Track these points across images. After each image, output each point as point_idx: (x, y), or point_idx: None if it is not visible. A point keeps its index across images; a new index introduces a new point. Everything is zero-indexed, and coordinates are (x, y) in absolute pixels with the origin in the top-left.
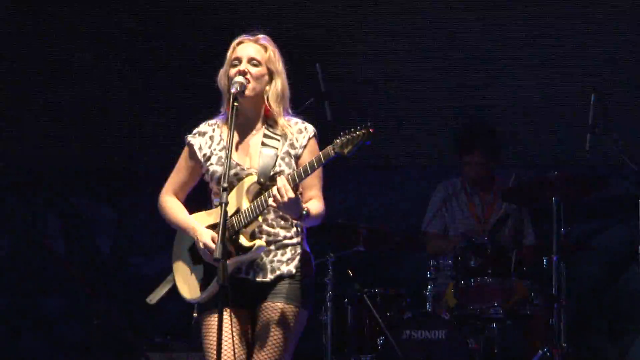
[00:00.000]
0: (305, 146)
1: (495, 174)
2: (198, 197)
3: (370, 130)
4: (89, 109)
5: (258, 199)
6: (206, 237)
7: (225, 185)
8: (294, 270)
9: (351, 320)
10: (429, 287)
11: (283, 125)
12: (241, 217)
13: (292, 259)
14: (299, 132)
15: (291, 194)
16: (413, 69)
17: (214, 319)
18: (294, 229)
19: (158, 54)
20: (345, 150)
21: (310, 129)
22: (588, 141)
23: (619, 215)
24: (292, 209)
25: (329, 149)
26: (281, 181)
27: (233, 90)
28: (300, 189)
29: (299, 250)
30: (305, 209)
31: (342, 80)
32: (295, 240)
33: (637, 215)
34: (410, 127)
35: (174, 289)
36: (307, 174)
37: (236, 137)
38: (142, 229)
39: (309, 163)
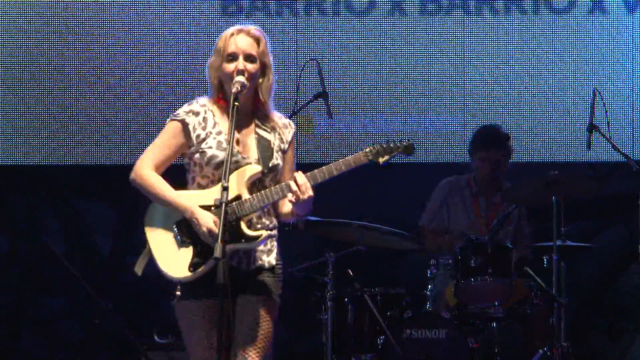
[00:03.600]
0: (290, 142)
1: (502, 178)
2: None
3: (410, 144)
4: (88, 108)
5: (268, 190)
6: (209, 223)
7: (226, 184)
8: (274, 262)
9: (351, 319)
10: (429, 286)
11: (272, 119)
12: (245, 205)
13: (271, 251)
14: (285, 126)
15: (311, 192)
16: (413, 68)
17: (198, 313)
18: (274, 222)
19: (156, 50)
20: (381, 160)
21: (293, 125)
22: (588, 141)
23: (619, 215)
24: (306, 206)
25: (362, 155)
26: (301, 178)
27: (234, 90)
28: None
29: (275, 243)
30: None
31: (341, 79)
32: (273, 233)
33: (637, 215)
34: (410, 127)
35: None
36: (331, 176)
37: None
38: (142, 229)
39: (334, 166)
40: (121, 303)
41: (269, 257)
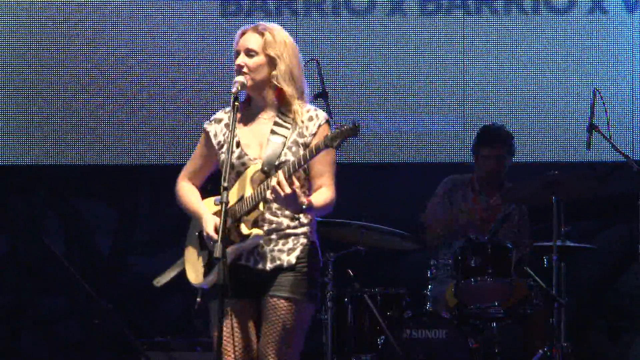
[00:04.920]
0: (315, 134)
1: (504, 179)
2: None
3: (356, 125)
4: (88, 108)
5: (258, 188)
6: (210, 227)
7: (226, 184)
8: (294, 261)
9: (351, 319)
10: (429, 286)
11: (295, 112)
12: (243, 204)
13: (293, 249)
14: (310, 119)
15: (288, 190)
16: (413, 68)
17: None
18: (300, 219)
19: (156, 50)
20: (334, 143)
21: (322, 116)
22: (588, 141)
23: (619, 215)
24: (290, 203)
25: (319, 142)
26: (280, 175)
27: (233, 90)
28: (304, 177)
29: (302, 240)
30: (306, 203)
31: (341, 79)
32: (299, 231)
33: (637, 215)
34: (410, 126)
35: (181, 274)
36: (300, 166)
37: (247, 127)
38: (142, 229)
39: (302, 155)
40: (121, 303)
41: (289, 256)
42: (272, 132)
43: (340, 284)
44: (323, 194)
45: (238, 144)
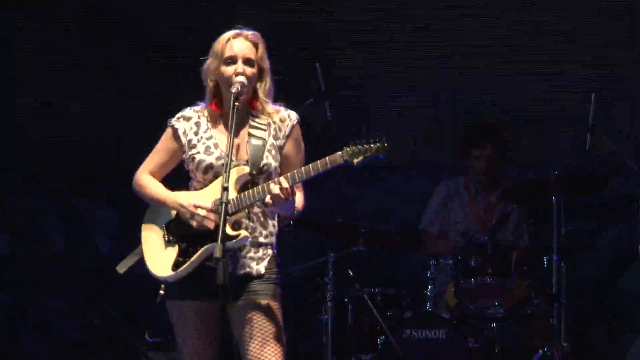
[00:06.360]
0: (288, 135)
1: (499, 177)
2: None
3: (386, 144)
4: (88, 108)
5: (253, 190)
6: (203, 203)
7: (227, 185)
8: (262, 271)
9: (351, 320)
10: (429, 287)
11: (267, 114)
12: (229, 205)
13: (262, 259)
14: (282, 120)
15: (291, 198)
16: (414, 68)
17: (184, 313)
18: (270, 229)
19: (155, 50)
20: (355, 160)
21: (294, 116)
22: (588, 141)
23: (619, 215)
24: (288, 209)
25: (338, 155)
26: (284, 182)
27: (234, 90)
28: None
29: (269, 251)
30: (299, 209)
31: (342, 79)
32: (268, 241)
33: (637, 215)
34: (410, 127)
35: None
36: (309, 176)
37: (223, 130)
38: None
39: (312, 166)
40: (121, 303)
41: (258, 265)
42: (250, 135)
43: (340, 284)
44: (300, 197)
45: (217, 146)
